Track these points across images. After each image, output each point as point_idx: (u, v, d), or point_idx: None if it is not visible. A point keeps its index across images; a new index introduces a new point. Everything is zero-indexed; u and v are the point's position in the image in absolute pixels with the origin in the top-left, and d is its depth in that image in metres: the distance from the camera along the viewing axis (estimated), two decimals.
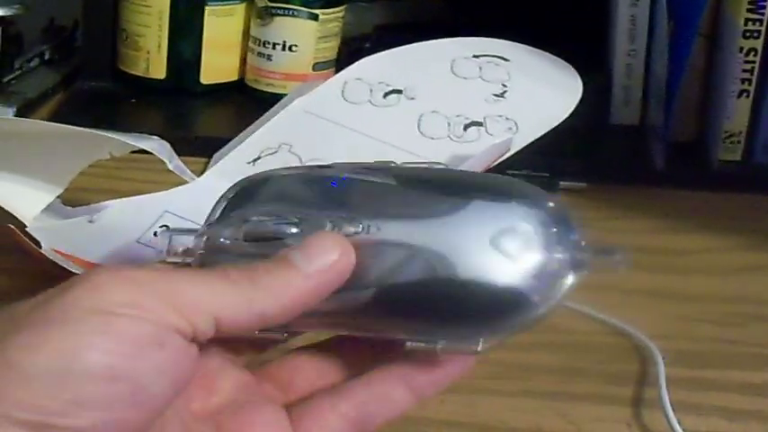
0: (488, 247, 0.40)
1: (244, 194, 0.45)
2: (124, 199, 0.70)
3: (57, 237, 0.64)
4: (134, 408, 0.37)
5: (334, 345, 0.46)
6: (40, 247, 0.62)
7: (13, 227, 0.63)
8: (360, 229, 0.41)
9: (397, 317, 0.42)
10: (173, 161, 0.69)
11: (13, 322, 0.37)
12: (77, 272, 0.60)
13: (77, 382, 0.36)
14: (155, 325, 0.37)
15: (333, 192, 0.43)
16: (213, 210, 0.45)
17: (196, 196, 0.68)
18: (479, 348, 0.41)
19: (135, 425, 0.37)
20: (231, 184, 0.46)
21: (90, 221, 0.67)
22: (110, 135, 0.67)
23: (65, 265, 0.61)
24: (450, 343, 0.41)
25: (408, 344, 0.42)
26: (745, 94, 0.91)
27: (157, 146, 0.68)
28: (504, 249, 0.40)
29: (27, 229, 0.64)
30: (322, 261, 0.41)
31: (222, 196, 0.46)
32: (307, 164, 0.74)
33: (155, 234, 0.66)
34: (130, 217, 0.68)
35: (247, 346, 0.45)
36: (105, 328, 0.37)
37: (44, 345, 0.36)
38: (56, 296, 0.38)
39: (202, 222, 0.46)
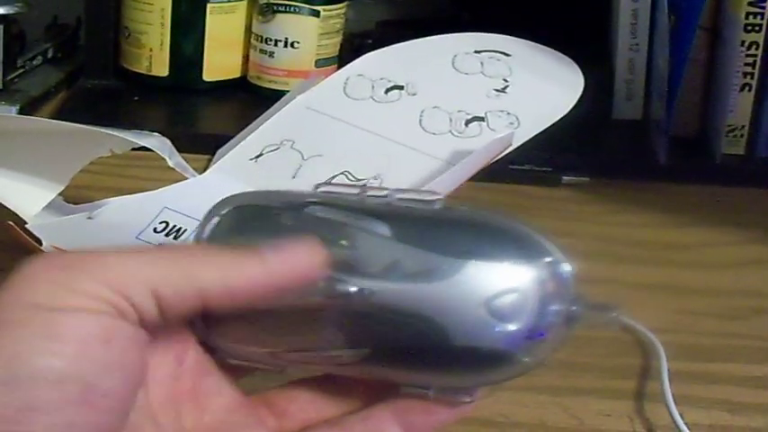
0: (482, 312, 0.40)
1: (237, 219, 0.44)
2: (124, 196, 0.70)
3: (56, 233, 0.64)
4: (86, 407, 0.36)
5: (333, 380, 0.45)
6: (41, 245, 0.62)
7: (12, 224, 0.63)
8: (354, 290, 0.41)
9: (389, 371, 0.43)
10: (173, 158, 0.69)
11: None
12: None
13: (26, 387, 0.35)
14: (98, 319, 0.37)
15: (328, 239, 0.42)
16: (204, 224, 0.44)
17: (196, 193, 0.69)
18: (470, 399, 0.43)
19: (96, 427, 0.36)
20: (221, 199, 0.45)
21: (89, 218, 0.67)
22: (110, 132, 0.67)
23: None
24: (442, 393, 0.43)
25: (402, 388, 0.43)
26: (747, 88, 0.90)
27: (158, 143, 0.68)
28: (498, 313, 0.40)
29: (27, 226, 0.64)
30: (287, 254, 0.40)
31: (213, 210, 0.45)
32: (296, 183, 0.74)
33: (154, 230, 0.66)
34: (130, 213, 0.68)
35: (244, 368, 0.45)
36: (49, 331, 0.36)
37: None
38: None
39: (201, 219, 0.45)
